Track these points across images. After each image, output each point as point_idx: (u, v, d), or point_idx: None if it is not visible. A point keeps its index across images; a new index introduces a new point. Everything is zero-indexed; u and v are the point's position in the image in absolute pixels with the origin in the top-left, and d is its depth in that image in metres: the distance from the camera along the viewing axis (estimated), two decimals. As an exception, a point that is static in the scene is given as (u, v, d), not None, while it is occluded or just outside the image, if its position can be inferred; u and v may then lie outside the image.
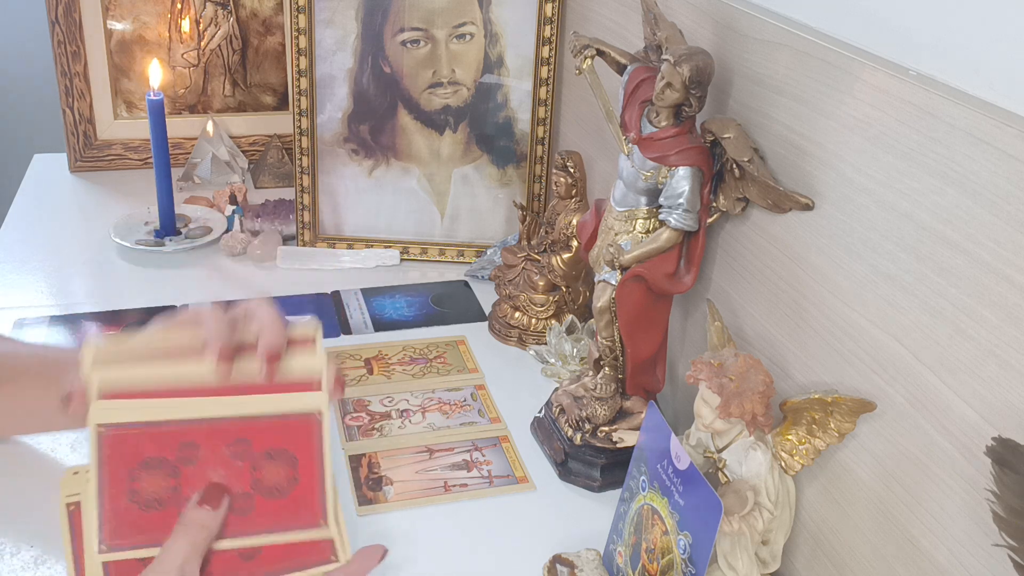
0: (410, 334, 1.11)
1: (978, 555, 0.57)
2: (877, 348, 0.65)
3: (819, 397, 0.67)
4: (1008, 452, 0.48)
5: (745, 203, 0.78)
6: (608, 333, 0.86)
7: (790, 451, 0.69)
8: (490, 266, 1.22)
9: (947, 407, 0.58)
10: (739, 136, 0.76)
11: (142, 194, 1.38)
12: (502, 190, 1.28)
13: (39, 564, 0.75)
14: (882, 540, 0.65)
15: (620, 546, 0.75)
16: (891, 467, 0.64)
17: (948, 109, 0.57)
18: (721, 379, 0.67)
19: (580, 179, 1.04)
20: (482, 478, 0.89)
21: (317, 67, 1.23)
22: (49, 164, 1.51)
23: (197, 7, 1.46)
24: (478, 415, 0.97)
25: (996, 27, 0.56)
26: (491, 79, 1.24)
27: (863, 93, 0.64)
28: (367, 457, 0.90)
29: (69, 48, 1.41)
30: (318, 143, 1.26)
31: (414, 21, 1.22)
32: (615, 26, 1.05)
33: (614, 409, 0.89)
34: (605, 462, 0.88)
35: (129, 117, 1.49)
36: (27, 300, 1.14)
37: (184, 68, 1.49)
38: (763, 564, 0.71)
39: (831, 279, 0.69)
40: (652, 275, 0.80)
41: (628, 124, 0.80)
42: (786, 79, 0.73)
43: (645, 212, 0.81)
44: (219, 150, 1.46)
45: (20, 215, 1.35)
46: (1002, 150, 0.53)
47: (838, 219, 0.68)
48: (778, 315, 0.77)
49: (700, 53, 0.75)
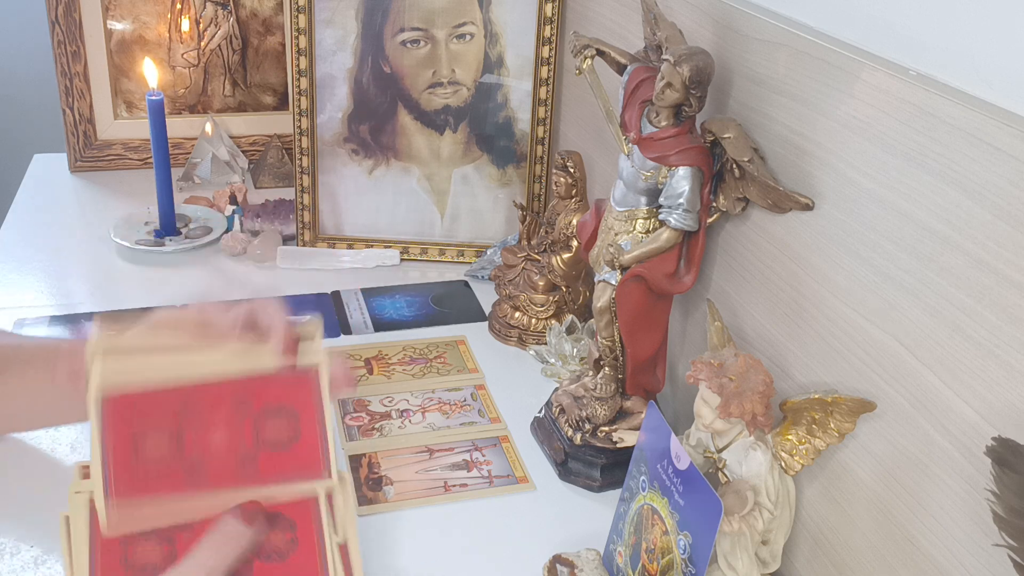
0: (410, 334, 1.11)
1: (978, 555, 0.57)
2: (877, 348, 0.65)
3: (819, 397, 0.67)
4: (1008, 452, 0.48)
5: (745, 203, 0.78)
6: (608, 333, 0.86)
7: (790, 451, 0.69)
8: (490, 266, 1.22)
9: (947, 407, 0.58)
10: (739, 136, 0.76)
11: (142, 194, 1.38)
12: (502, 190, 1.28)
13: (39, 564, 0.75)
14: (882, 540, 0.65)
15: (620, 546, 0.75)
16: (891, 467, 0.64)
17: (948, 109, 0.57)
18: (721, 379, 0.67)
19: (580, 179, 1.04)
20: (482, 478, 0.89)
21: (317, 67, 1.23)
22: (49, 164, 1.51)
23: (197, 7, 1.46)
24: (478, 415, 0.97)
25: (996, 27, 0.56)
26: (491, 79, 1.24)
27: (863, 93, 0.64)
28: (367, 457, 0.90)
29: (69, 48, 1.41)
30: (318, 143, 1.26)
31: (414, 21, 1.22)
32: (615, 26, 1.05)
33: (614, 409, 0.89)
34: (605, 462, 0.88)
35: (129, 117, 1.49)
36: (27, 300, 1.14)
37: (184, 68, 1.49)
38: (763, 564, 0.71)
39: (831, 279, 0.69)
40: (652, 275, 0.80)
41: (628, 124, 0.80)
42: (786, 79, 0.73)
43: (645, 212, 0.81)
44: (219, 150, 1.46)
45: (20, 215, 1.35)
46: (1002, 150, 0.53)
47: (838, 219, 0.68)
48: (778, 315, 0.77)
49: (700, 53, 0.75)
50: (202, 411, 0.56)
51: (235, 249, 1.26)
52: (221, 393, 0.56)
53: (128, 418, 0.54)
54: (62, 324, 1.09)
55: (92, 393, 0.54)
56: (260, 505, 0.56)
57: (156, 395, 0.55)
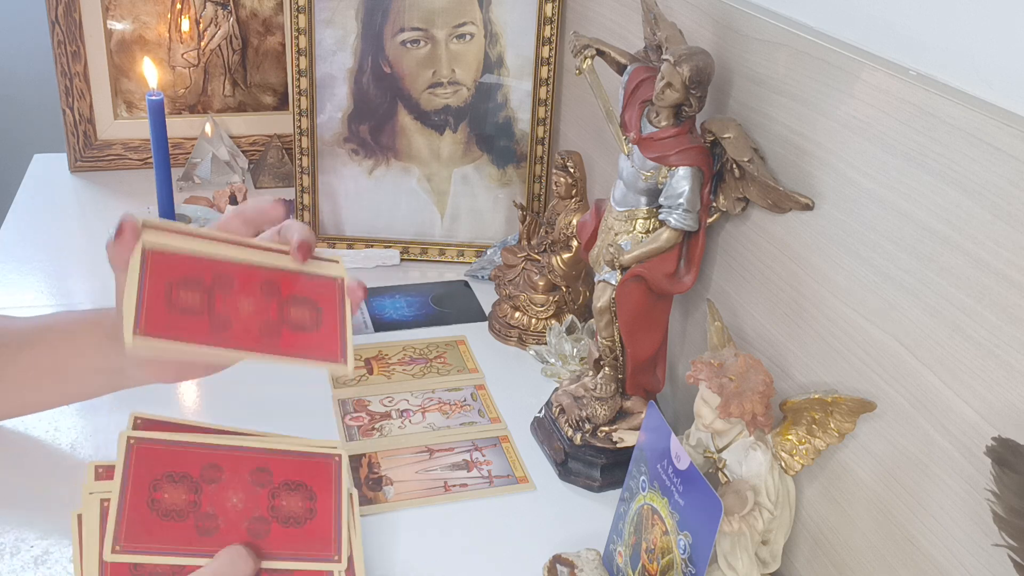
0: (410, 334, 1.11)
1: (978, 555, 0.57)
2: (877, 348, 0.65)
3: (819, 397, 0.67)
4: (1008, 452, 0.48)
5: (745, 203, 0.78)
6: (608, 333, 0.86)
7: (790, 451, 0.69)
8: (490, 266, 1.22)
9: (947, 407, 0.58)
10: (739, 136, 0.76)
11: (142, 194, 1.38)
12: (502, 190, 1.28)
13: (39, 564, 0.75)
14: (882, 540, 0.65)
15: (620, 546, 0.75)
16: (891, 467, 0.64)
17: (948, 109, 0.57)
18: (721, 379, 0.67)
19: (580, 179, 1.04)
20: (482, 478, 0.89)
21: (317, 67, 1.23)
22: (49, 164, 1.51)
23: (197, 7, 1.46)
24: (478, 415, 0.97)
25: (996, 27, 0.56)
26: (491, 79, 1.24)
27: (863, 93, 0.64)
28: (367, 457, 0.90)
29: (69, 48, 1.41)
30: (318, 143, 1.26)
31: (414, 21, 1.22)
32: (615, 26, 1.05)
33: (614, 409, 0.89)
34: (605, 462, 0.88)
35: (129, 117, 1.49)
36: (27, 300, 1.14)
37: (184, 68, 1.49)
38: (763, 564, 0.71)
39: (831, 279, 0.69)
40: (652, 275, 0.80)
41: (628, 124, 0.80)
42: (786, 79, 0.73)
43: (645, 212, 0.81)
44: (219, 150, 1.46)
45: (20, 215, 1.35)
46: (1002, 150, 0.53)
47: (838, 219, 0.68)
48: (778, 315, 0.77)
49: (700, 53, 0.75)
50: (233, 281, 0.59)
51: (235, 249, 1.26)
52: (253, 273, 0.60)
53: (165, 272, 0.57)
54: (62, 324, 1.09)
55: (137, 247, 0.56)
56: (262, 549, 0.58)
57: (194, 260, 0.58)
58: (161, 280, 0.56)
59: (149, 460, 0.56)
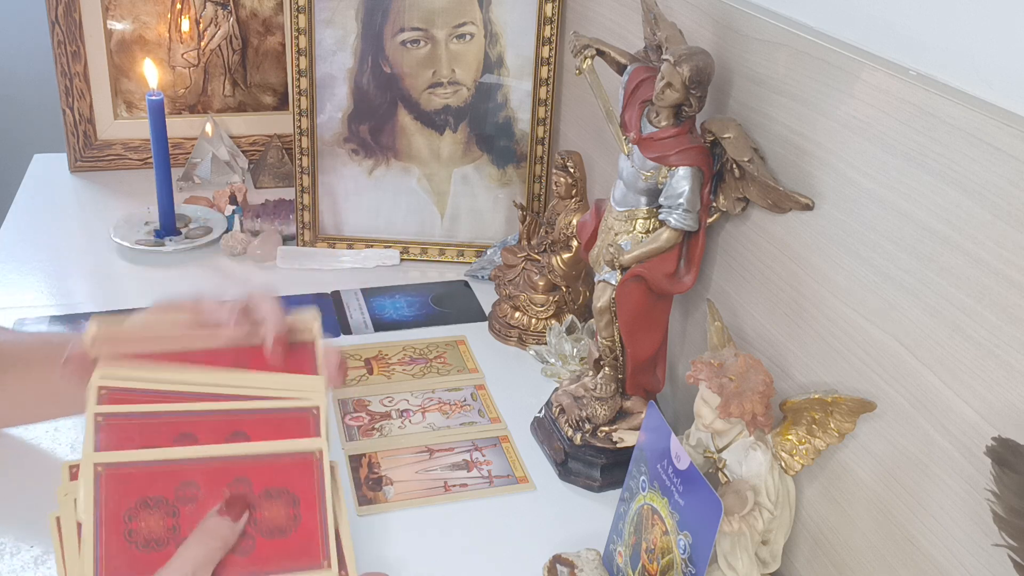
0: (410, 334, 1.11)
1: (978, 555, 0.57)
2: (877, 348, 0.65)
3: (819, 397, 0.67)
4: (1008, 452, 0.48)
5: (745, 203, 0.78)
6: (608, 333, 0.86)
7: (790, 451, 0.69)
8: (490, 266, 1.22)
9: (947, 407, 0.58)
10: (739, 136, 0.76)
11: (142, 194, 1.38)
12: (502, 190, 1.28)
13: (39, 564, 0.75)
14: (882, 540, 0.65)
15: (620, 546, 0.75)
16: (891, 467, 0.64)
17: (948, 109, 0.57)
18: (721, 379, 0.67)
19: (580, 179, 1.04)
20: (482, 478, 0.89)
21: (317, 67, 1.23)
22: (49, 164, 1.51)
23: (197, 7, 1.46)
24: (478, 415, 0.97)
25: (996, 27, 0.56)
26: (491, 79, 1.24)
27: (863, 93, 0.64)
28: (367, 457, 0.90)
29: (69, 48, 1.41)
30: (318, 143, 1.26)
31: (414, 21, 1.22)
32: (615, 26, 1.05)
33: (614, 409, 0.89)
34: (605, 462, 0.88)
35: (129, 117, 1.49)
36: (27, 300, 1.14)
37: (184, 68, 1.49)
38: (763, 564, 0.71)
39: (831, 279, 0.69)
40: (652, 275, 0.80)
41: (628, 124, 0.80)
42: (786, 79, 0.73)
43: (645, 212, 0.81)
44: (219, 150, 1.46)
45: (20, 215, 1.35)
46: (1002, 150, 0.53)
47: (838, 219, 0.68)
48: (778, 315, 0.77)
49: (700, 53, 0.75)
50: (199, 490, 0.56)
51: (235, 249, 1.26)
52: (219, 471, 0.57)
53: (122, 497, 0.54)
54: (62, 324, 1.09)
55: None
56: (246, 499, 0.56)
57: (153, 473, 0.55)
58: (121, 506, 0.53)
59: (120, 488, 0.54)
